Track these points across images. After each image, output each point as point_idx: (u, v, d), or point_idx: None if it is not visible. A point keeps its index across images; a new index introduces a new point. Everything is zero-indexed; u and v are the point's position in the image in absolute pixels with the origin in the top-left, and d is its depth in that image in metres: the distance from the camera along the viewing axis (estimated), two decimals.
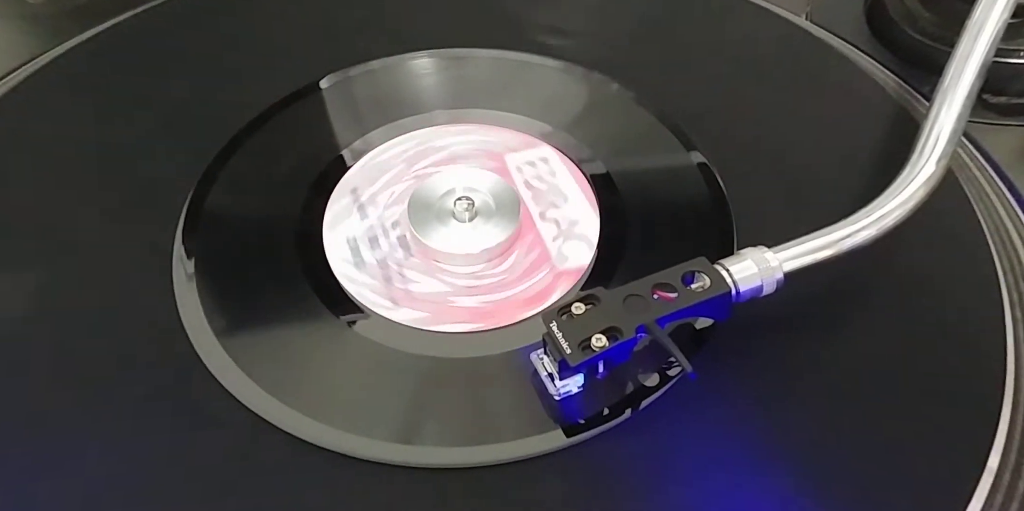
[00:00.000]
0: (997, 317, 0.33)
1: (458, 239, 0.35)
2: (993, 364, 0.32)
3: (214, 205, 0.37)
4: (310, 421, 0.30)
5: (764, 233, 0.32)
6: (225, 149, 0.39)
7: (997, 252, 0.35)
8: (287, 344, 0.33)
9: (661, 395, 0.31)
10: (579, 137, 0.39)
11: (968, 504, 0.28)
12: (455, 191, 0.36)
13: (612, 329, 0.28)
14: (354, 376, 0.32)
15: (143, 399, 0.31)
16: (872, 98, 0.41)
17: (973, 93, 0.36)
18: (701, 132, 0.39)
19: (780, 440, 0.30)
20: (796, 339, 0.33)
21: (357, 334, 0.33)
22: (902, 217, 0.32)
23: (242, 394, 0.31)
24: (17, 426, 0.30)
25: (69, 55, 0.44)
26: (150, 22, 0.45)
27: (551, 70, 0.42)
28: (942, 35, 0.42)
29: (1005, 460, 0.30)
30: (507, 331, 0.33)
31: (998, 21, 0.37)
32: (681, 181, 0.38)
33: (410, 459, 0.29)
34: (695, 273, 0.30)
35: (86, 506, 0.28)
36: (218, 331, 0.32)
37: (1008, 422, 0.30)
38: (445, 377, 0.32)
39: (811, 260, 0.31)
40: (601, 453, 0.29)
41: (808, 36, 0.44)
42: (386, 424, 0.30)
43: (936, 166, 0.33)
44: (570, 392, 0.30)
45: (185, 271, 0.34)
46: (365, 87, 0.42)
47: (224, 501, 0.29)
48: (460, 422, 0.30)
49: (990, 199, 0.38)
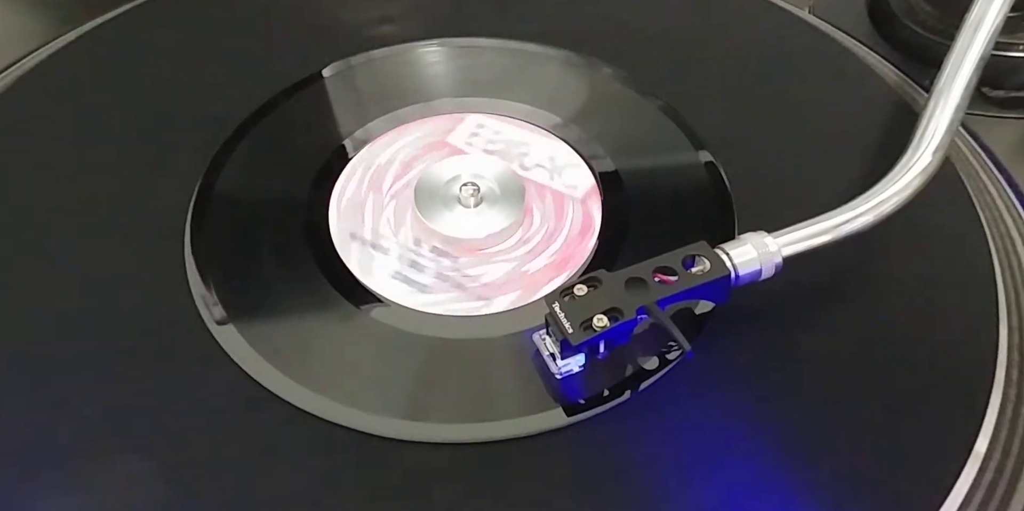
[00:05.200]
0: (992, 306, 0.33)
1: (464, 224, 0.36)
2: (985, 350, 0.32)
3: (223, 190, 0.37)
4: (332, 402, 0.31)
5: (765, 221, 0.32)
6: (235, 133, 0.39)
7: (995, 244, 0.36)
8: (302, 328, 0.33)
9: (660, 377, 0.31)
10: (586, 129, 0.39)
11: (953, 485, 0.29)
12: (460, 177, 0.37)
13: (613, 310, 0.29)
14: (363, 356, 0.32)
15: (156, 382, 0.32)
16: (873, 91, 0.41)
17: (971, 86, 0.36)
18: (702, 123, 0.39)
19: (775, 422, 0.30)
20: (793, 325, 0.33)
21: (368, 317, 0.33)
22: (899, 204, 0.32)
23: (256, 373, 0.31)
24: (25, 418, 0.31)
25: (78, 42, 0.44)
26: (157, 10, 0.45)
27: (552, 59, 0.42)
28: (942, 29, 0.43)
29: (993, 445, 0.30)
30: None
31: (997, 15, 0.37)
32: (683, 170, 0.38)
33: (415, 435, 0.30)
34: (695, 257, 0.30)
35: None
36: (232, 315, 0.33)
37: (998, 411, 0.31)
38: (451, 357, 0.32)
39: (810, 245, 0.31)
40: (601, 432, 0.30)
41: (810, 29, 0.44)
42: (393, 401, 0.31)
43: (933, 156, 0.34)
44: (571, 371, 0.31)
45: (195, 257, 0.35)
46: (367, 75, 0.42)
47: (237, 474, 0.29)
48: (464, 400, 0.31)
49: (988, 192, 0.39)
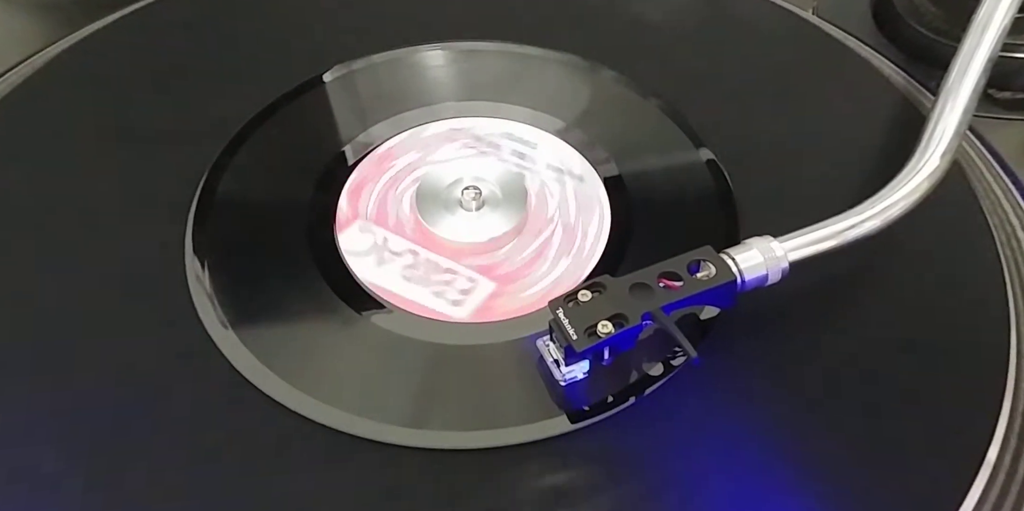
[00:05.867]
0: (1001, 311, 0.33)
1: (465, 228, 0.35)
2: (996, 357, 0.32)
3: (225, 194, 0.37)
4: (332, 409, 0.30)
5: (769, 225, 0.32)
6: (237, 137, 0.39)
7: (1001, 246, 0.35)
8: (303, 334, 0.33)
9: (665, 383, 0.31)
10: (588, 132, 0.39)
11: (966, 494, 0.29)
12: (462, 181, 0.37)
13: (618, 316, 0.29)
14: (365, 363, 0.32)
15: (157, 387, 0.31)
16: (878, 93, 0.41)
17: (979, 88, 0.36)
18: (706, 125, 0.39)
19: (781, 428, 0.30)
20: (799, 329, 0.33)
21: (370, 323, 0.33)
22: (907, 208, 0.32)
23: (257, 379, 0.31)
24: (25, 420, 0.30)
25: (79, 46, 0.44)
26: (158, 14, 0.45)
27: (555, 63, 0.42)
28: (948, 30, 0.42)
29: (1004, 451, 0.30)
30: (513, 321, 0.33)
31: (1005, 16, 0.37)
32: (687, 173, 0.38)
33: (419, 442, 0.30)
34: (701, 262, 0.30)
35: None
36: (231, 320, 0.33)
37: (1008, 415, 0.31)
38: (453, 363, 0.32)
39: (816, 250, 0.31)
40: (605, 439, 0.30)
41: (815, 31, 0.44)
42: (396, 409, 0.31)
43: (941, 160, 0.33)
44: (575, 378, 0.30)
45: (197, 262, 0.35)
46: (370, 79, 0.42)
47: (237, 481, 0.29)
48: (467, 407, 0.31)
49: (995, 194, 0.38)
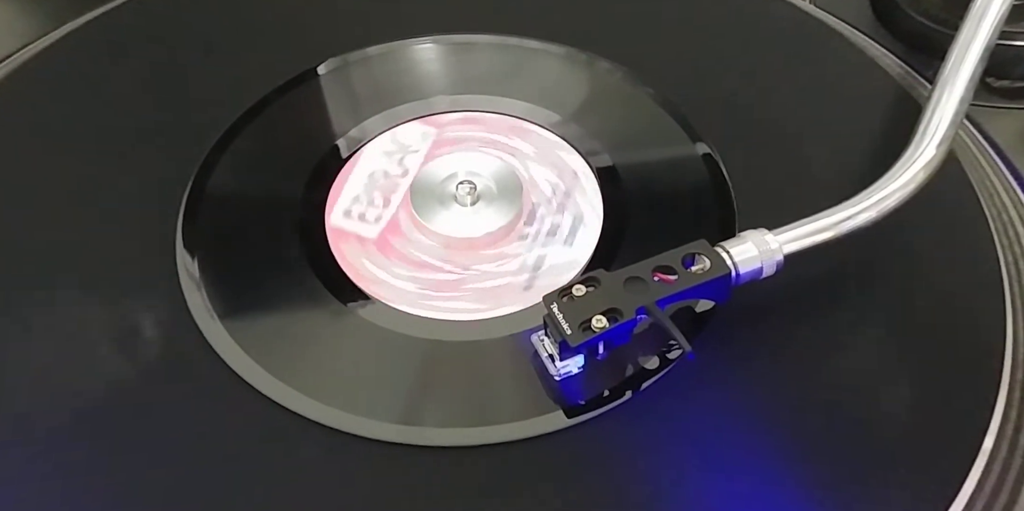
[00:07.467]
0: (998, 300, 0.33)
1: (460, 222, 0.35)
2: (992, 346, 0.32)
3: (215, 190, 0.37)
4: (326, 406, 0.30)
5: (766, 216, 0.32)
6: (229, 130, 0.39)
7: (998, 235, 0.35)
8: (295, 330, 0.33)
9: (661, 377, 0.31)
10: (583, 125, 0.39)
11: (962, 483, 0.29)
12: (457, 175, 0.36)
13: (612, 310, 0.28)
14: (359, 359, 0.32)
15: (150, 385, 0.31)
16: (876, 82, 0.41)
17: (976, 77, 0.36)
18: (702, 116, 0.39)
19: (778, 422, 0.30)
20: (795, 323, 0.33)
21: (363, 319, 0.33)
22: (902, 199, 0.32)
23: (246, 373, 0.31)
24: (22, 415, 0.30)
25: (67, 39, 0.43)
26: (148, 7, 0.45)
27: (548, 55, 0.42)
28: (946, 18, 0.42)
29: (1000, 440, 0.30)
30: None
31: (1002, 4, 0.36)
32: (683, 165, 0.38)
33: (411, 439, 0.29)
34: (695, 255, 0.30)
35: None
36: (223, 316, 0.32)
37: (1004, 404, 0.31)
38: (447, 359, 0.32)
39: (811, 242, 0.31)
40: (601, 434, 0.30)
41: (812, 20, 0.44)
42: (390, 406, 0.30)
43: (937, 149, 0.33)
44: (570, 373, 0.30)
45: (188, 257, 0.34)
46: (363, 73, 0.42)
47: (233, 479, 0.29)
48: (462, 403, 0.31)
49: (992, 183, 0.38)
